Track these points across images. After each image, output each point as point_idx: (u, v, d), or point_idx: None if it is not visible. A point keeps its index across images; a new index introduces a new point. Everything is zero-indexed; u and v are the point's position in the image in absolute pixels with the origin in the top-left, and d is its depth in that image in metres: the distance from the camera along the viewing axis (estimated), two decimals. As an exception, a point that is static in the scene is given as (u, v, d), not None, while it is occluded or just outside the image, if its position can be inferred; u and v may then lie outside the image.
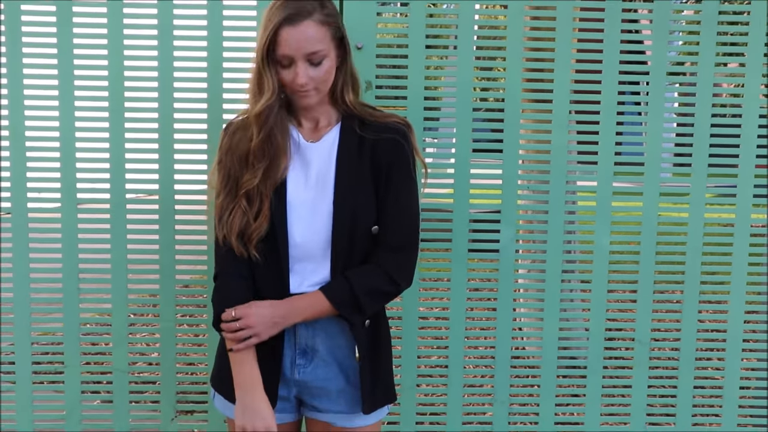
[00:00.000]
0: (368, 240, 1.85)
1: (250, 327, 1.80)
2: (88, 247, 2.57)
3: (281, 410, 1.90)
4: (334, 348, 1.87)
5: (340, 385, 1.88)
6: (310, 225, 1.83)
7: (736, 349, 2.70)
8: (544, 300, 2.64)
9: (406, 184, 1.90)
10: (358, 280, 1.82)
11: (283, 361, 1.87)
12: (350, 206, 1.81)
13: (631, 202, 2.65)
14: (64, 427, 2.60)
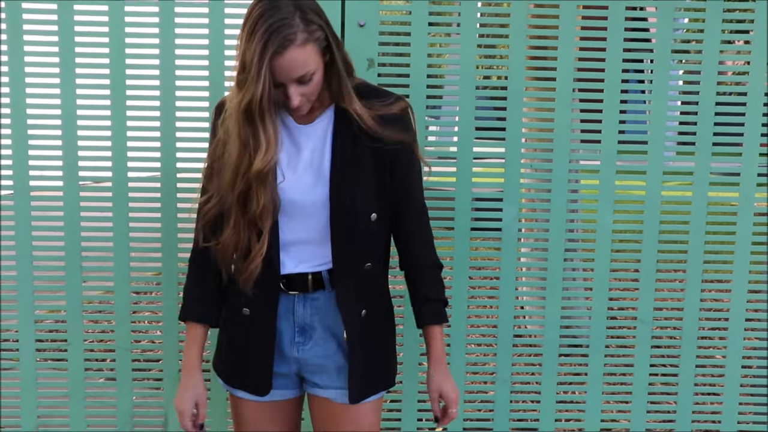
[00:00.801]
0: (367, 224, 1.85)
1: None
2: (90, 225, 2.57)
3: (283, 387, 1.93)
4: (333, 326, 1.89)
5: (339, 362, 1.90)
6: (302, 212, 1.83)
7: (738, 328, 2.70)
8: (547, 279, 2.65)
9: (415, 162, 1.92)
10: (439, 291, 1.98)
11: (282, 338, 1.89)
12: (349, 192, 1.81)
13: (634, 181, 2.65)
14: (67, 404, 2.62)
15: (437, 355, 1.96)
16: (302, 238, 1.85)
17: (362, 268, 1.86)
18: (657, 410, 2.75)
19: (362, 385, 1.91)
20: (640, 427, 2.73)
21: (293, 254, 1.86)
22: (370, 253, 1.88)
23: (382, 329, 1.95)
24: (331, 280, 1.86)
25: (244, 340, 1.90)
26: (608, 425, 2.78)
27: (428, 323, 1.96)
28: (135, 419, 2.65)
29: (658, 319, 2.71)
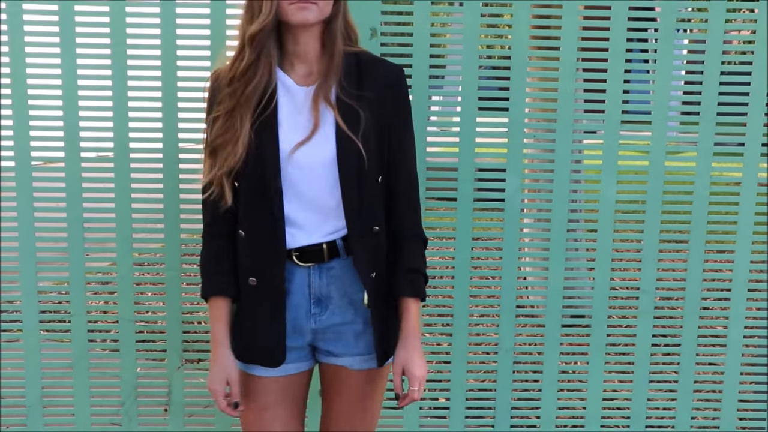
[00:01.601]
0: (374, 186, 1.86)
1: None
2: (92, 197, 2.58)
3: (296, 359, 1.93)
4: (350, 293, 1.90)
5: (357, 329, 1.91)
6: (310, 174, 1.83)
7: (741, 300, 2.72)
8: (549, 249, 2.66)
9: (410, 130, 1.93)
10: (420, 263, 1.93)
11: (299, 312, 1.90)
12: (355, 152, 1.81)
13: (637, 151, 2.65)
14: (71, 375, 2.64)
15: (408, 329, 1.91)
16: (312, 205, 1.84)
17: (371, 231, 1.87)
18: (658, 380, 2.78)
19: (386, 347, 1.92)
20: (642, 398, 2.75)
21: (304, 226, 1.86)
22: (377, 216, 1.88)
23: (389, 294, 1.96)
24: (346, 246, 1.87)
25: (254, 312, 1.90)
26: (610, 395, 2.80)
27: (404, 294, 1.91)
28: (139, 390, 2.67)
29: (661, 290, 2.72)
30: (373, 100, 1.82)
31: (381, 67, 1.87)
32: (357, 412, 1.99)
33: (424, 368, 1.91)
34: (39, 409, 2.64)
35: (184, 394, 2.68)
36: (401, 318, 1.92)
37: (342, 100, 1.81)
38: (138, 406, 2.68)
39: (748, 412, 2.79)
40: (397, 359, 1.92)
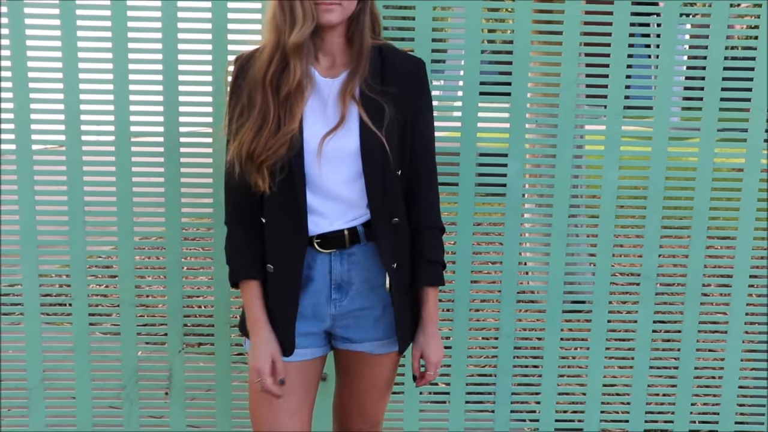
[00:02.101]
0: (395, 178, 1.89)
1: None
2: (93, 180, 2.59)
3: (312, 345, 1.96)
4: (370, 279, 1.93)
5: (376, 314, 1.95)
6: (333, 165, 1.85)
7: (742, 286, 2.73)
8: (551, 235, 2.67)
9: (430, 124, 1.97)
10: (439, 253, 1.99)
11: (319, 298, 1.92)
12: (378, 143, 1.84)
13: (640, 137, 2.66)
14: (72, 358, 2.66)
15: (428, 316, 1.99)
16: (334, 195, 1.87)
17: (391, 222, 1.90)
18: (659, 366, 2.79)
19: (407, 333, 1.96)
20: (642, 384, 2.77)
21: (326, 214, 1.88)
22: (397, 208, 1.92)
23: (409, 283, 1.99)
24: (366, 232, 1.90)
25: (269, 299, 1.92)
26: (610, 381, 2.81)
27: (425, 284, 1.98)
28: (139, 373, 2.69)
29: (662, 276, 2.73)
30: (397, 95, 1.86)
31: (403, 61, 1.91)
32: (370, 394, 2.05)
33: (441, 353, 2.01)
34: (40, 391, 2.66)
35: (185, 378, 2.69)
36: (421, 305, 2.00)
37: (366, 94, 1.84)
38: (139, 389, 2.70)
39: (748, 398, 2.80)
40: (416, 344, 2.01)
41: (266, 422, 1.97)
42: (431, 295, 2.00)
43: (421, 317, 2.00)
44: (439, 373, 2.27)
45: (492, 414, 2.77)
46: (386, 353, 2.01)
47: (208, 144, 2.56)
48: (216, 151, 2.54)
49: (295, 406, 1.97)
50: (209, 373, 2.70)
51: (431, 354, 1.99)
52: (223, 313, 2.64)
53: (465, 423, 2.76)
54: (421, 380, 2.02)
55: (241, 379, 2.66)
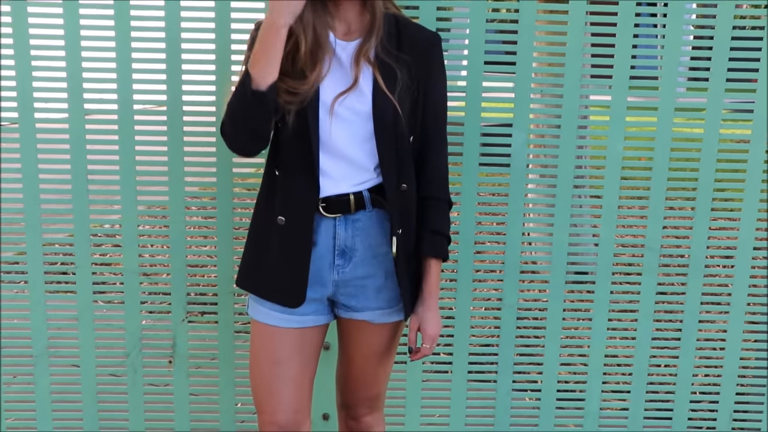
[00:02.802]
0: (405, 144, 1.92)
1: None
2: (96, 148, 2.61)
3: (314, 312, 1.99)
4: (374, 246, 1.96)
5: (379, 283, 1.98)
6: (345, 126, 1.88)
7: (745, 260, 2.74)
8: (555, 206, 2.69)
9: (443, 96, 1.99)
10: (444, 225, 2.01)
11: (322, 262, 1.95)
12: (390, 107, 1.87)
13: (645, 107, 2.66)
14: (76, 326, 2.69)
15: (429, 289, 2.01)
16: (343, 156, 1.90)
17: (399, 188, 1.93)
18: (661, 337, 2.82)
19: (410, 302, 1.99)
20: (644, 356, 2.79)
21: (333, 175, 1.91)
22: (406, 175, 1.94)
23: (412, 252, 2.01)
24: (372, 198, 1.92)
25: (278, 251, 1.94)
26: (612, 351, 2.84)
27: (427, 254, 2.00)
28: (143, 342, 2.72)
29: (666, 247, 2.75)
30: (411, 63, 1.90)
31: (419, 32, 1.96)
32: (373, 362, 2.08)
33: (438, 327, 2.03)
34: (45, 359, 2.70)
35: (189, 347, 2.73)
36: (422, 277, 2.02)
37: (381, 58, 1.88)
38: (142, 357, 2.73)
39: (749, 369, 2.83)
40: (415, 316, 2.03)
41: (265, 388, 2.01)
42: (433, 268, 2.02)
43: (422, 289, 2.02)
44: (441, 343, 2.31)
45: (494, 384, 2.80)
46: (388, 322, 2.04)
47: (212, 113, 2.58)
48: (220, 118, 2.55)
49: (294, 373, 2.00)
50: (213, 342, 2.73)
51: (428, 327, 2.01)
52: (226, 282, 2.67)
53: (467, 393, 2.79)
54: (417, 354, 2.04)
55: (245, 348, 2.69)
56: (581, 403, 2.83)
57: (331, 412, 2.71)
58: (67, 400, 2.75)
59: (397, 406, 2.75)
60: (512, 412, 2.82)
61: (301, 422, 2.03)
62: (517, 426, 2.83)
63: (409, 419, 2.80)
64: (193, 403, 2.76)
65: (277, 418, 2.00)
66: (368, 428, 2.23)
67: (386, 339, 2.08)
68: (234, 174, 2.61)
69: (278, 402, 1.99)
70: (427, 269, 2.01)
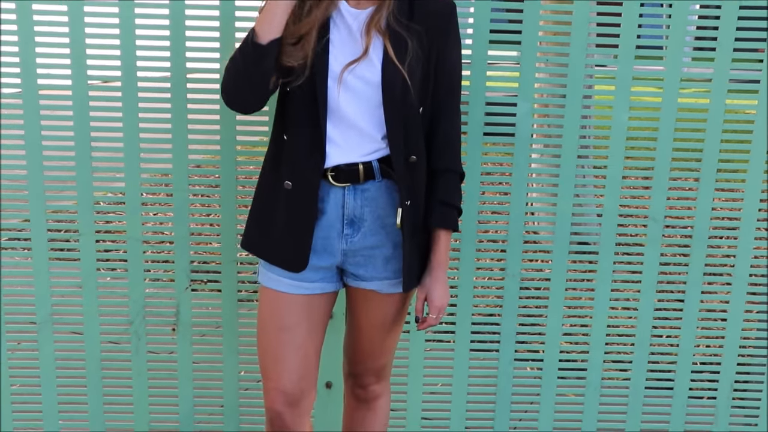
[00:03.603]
0: (415, 114, 1.94)
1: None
2: (99, 115, 2.63)
3: (322, 280, 2.03)
4: (382, 216, 1.99)
5: (387, 253, 2.02)
6: (354, 95, 1.90)
7: (749, 233, 2.77)
8: (559, 176, 2.71)
9: (458, 66, 2.01)
10: (455, 197, 2.04)
11: (331, 231, 1.98)
12: (400, 76, 1.89)
13: (651, 77, 2.68)
14: (80, 293, 2.73)
15: (437, 260, 2.05)
16: (352, 125, 1.93)
17: (408, 159, 1.95)
18: (663, 307, 2.85)
19: (413, 274, 2.02)
20: (647, 327, 2.83)
21: (341, 145, 1.94)
22: (415, 146, 1.97)
23: (420, 225, 2.04)
24: (381, 168, 1.95)
25: (283, 215, 1.98)
26: (614, 321, 2.88)
27: (437, 226, 2.04)
28: (147, 310, 2.76)
29: (670, 218, 2.77)
30: (422, 34, 1.92)
31: (432, 1, 1.97)
32: (380, 331, 2.12)
33: (446, 299, 2.07)
34: (49, 326, 2.74)
35: (192, 315, 2.77)
36: (431, 248, 2.05)
37: (392, 28, 1.90)
38: (146, 325, 2.77)
39: (751, 340, 2.87)
40: (422, 286, 2.07)
41: (271, 355, 2.05)
42: (443, 239, 2.05)
43: (430, 260, 2.06)
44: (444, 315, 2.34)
45: (496, 354, 2.84)
46: (396, 293, 2.08)
47: (216, 80, 2.59)
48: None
49: (301, 340, 2.04)
50: (216, 310, 2.77)
51: (435, 298, 2.05)
52: (230, 251, 2.70)
53: (469, 362, 2.84)
54: (423, 324, 2.08)
55: (248, 317, 2.73)
56: (583, 373, 2.87)
57: (335, 381, 2.75)
58: (71, 367, 2.79)
59: (399, 375, 2.80)
60: (514, 381, 2.87)
61: (306, 390, 2.07)
62: (518, 395, 2.88)
63: (412, 388, 2.85)
64: (196, 371, 2.80)
65: (282, 384, 2.04)
66: (375, 396, 2.27)
67: (394, 309, 2.12)
68: (237, 142, 2.64)
69: (284, 369, 2.03)
70: (436, 240, 2.05)
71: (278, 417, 2.06)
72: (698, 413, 2.92)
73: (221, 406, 2.83)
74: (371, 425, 2.30)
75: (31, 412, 2.81)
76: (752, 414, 2.91)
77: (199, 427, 2.85)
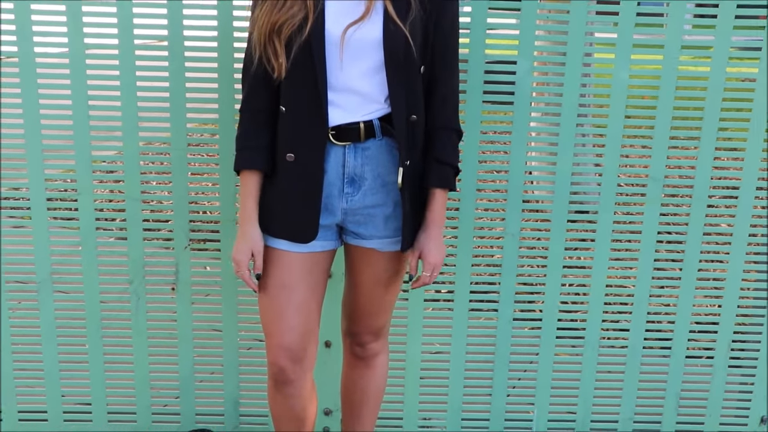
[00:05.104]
0: (416, 74, 1.98)
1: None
2: (97, 84, 2.69)
3: (323, 238, 2.10)
4: (383, 175, 2.04)
5: (387, 212, 2.07)
6: (355, 55, 1.93)
7: (748, 197, 2.84)
8: (558, 144, 2.77)
9: (456, 25, 2.05)
10: (451, 156, 2.08)
11: (331, 190, 2.03)
12: (401, 36, 1.92)
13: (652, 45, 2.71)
14: (80, 253, 2.79)
15: (432, 218, 2.12)
16: (353, 86, 1.97)
17: (408, 118, 1.99)
18: (662, 268, 2.92)
19: (412, 233, 2.07)
20: (645, 287, 2.91)
21: (343, 105, 1.98)
22: (416, 105, 2.01)
23: (419, 185, 2.09)
24: (382, 127, 1.99)
25: (289, 187, 2.03)
26: (613, 281, 2.94)
27: (433, 185, 2.10)
28: (146, 269, 2.82)
29: (670, 177, 2.82)
30: None
31: None
32: (379, 289, 2.19)
33: (440, 256, 2.12)
34: (49, 285, 2.82)
35: (191, 274, 2.83)
36: (427, 206, 2.10)
37: None
38: (146, 284, 2.84)
39: (749, 300, 2.95)
40: (417, 244, 2.13)
41: (273, 312, 2.12)
42: (439, 198, 2.10)
43: (425, 218, 2.11)
44: (444, 272, 2.41)
45: (495, 313, 2.91)
46: (394, 251, 2.14)
47: (213, 48, 2.63)
48: (221, 54, 2.61)
49: (302, 297, 2.11)
50: (215, 269, 2.84)
51: (429, 255, 2.10)
52: (229, 210, 2.76)
53: (468, 322, 2.90)
54: (417, 282, 2.14)
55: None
56: (581, 333, 2.95)
57: (333, 340, 2.83)
58: (71, 326, 2.87)
59: (398, 334, 2.88)
60: (513, 341, 2.95)
61: (308, 346, 2.15)
62: (517, 355, 2.96)
63: (411, 347, 2.93)
64: (196, 330, 2.89)
65: (284, 340, 2.11)
66: (373, 354, 2.35)
67: (392, 268, 2.18)
68: (236, 111, 2.68)
69: (286, 325, 2.10)
70: (433, 199, 2.10)
71: (281, 372, 2.14)
72: (695, 372, 3.00)
73: (221, 365, 2.91)
74: (370, 383, 2.39)
75: (32, 371, 2.91)
76: (749, 373, 3.00)
77: (199, 385, 2.93)
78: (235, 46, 2.63)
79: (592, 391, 3.00)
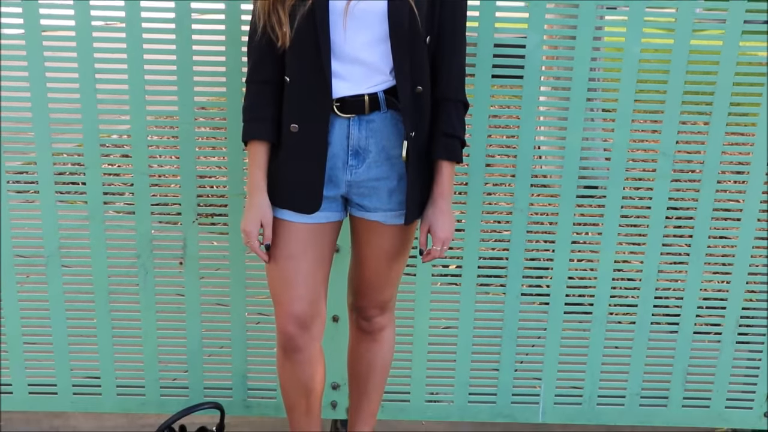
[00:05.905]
0: (422, 45, 1.99)
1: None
2: (104, 57, 2.71)
3: (328, 209, 2.13)
4: (387, 148, 2.07)
5: (391, 185, 2.11)
6: (360, 26, 1.95)
7: (759, 175, 2.86)
8: (567, 119, 2.79)
9: (463, 2, 2.05)
10: (458, 127, 2.09)
11: (336, 162, 2.05)
12: (407, 7, 1.93)
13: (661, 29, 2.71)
14: (88, 227, 2.83)
15: (440, 191, 2.15)
16: (357, 56, 1.99)
17: (414, 90, 2.01)
18: (671, 244, 2.94)
19: (416, 206, 2.10)
20: (653, 265, 2.94)
21: (348, 77, 2.00)
22: (421, 77, 2.03)
23: (425, 156, 2.11)
24: (387, 100, 2.01)
25: (293, 157, 2.06)
26: (621, 257, 2.97)
27: (440, 157, 2.13)
28: (154, 243, 2.86)
29: (680, 153, 2.83)
30: None
31: None
32: (384, 262, 2.23)
33: (449, 230, 2.15)
34: (57, 259, 2.86)
35: (199, 248, 2.87)
36: (434, 179, 2.12)
37: None
38: (153, 259, 2.88)
39: (757, 276, 2.98)
40: (425, 218, 2.17)
41: (281, 281, 2.17)
42: (446, 171, 2.13)
43: (433, 192, 2.14)
44: (453, 247, 2.43)
45: (503, 288, 2.94)
46: (399, 224, 2.16)
47: (221, 21, 2.64)
48: (228, 28, 2.62)
49: (309, 266, 2.15)
50: (223, 243, 2.87)
51: (438, 229, 2.14)
52: (237, 184, 2.79)
53: (476, 297, 2.94)
54: (428, 256, 2.17)
55: (255, 250, 2.82)
56: (589, 308, 2.98)
57: (341, 314, 2.86)
58: (79, 300, 2.92)
59: (406, 309, 2.92)
60: (520, 316, 3.00)
61: (316, 315, 2.20)
62: (524, 330, 3.00)
63: (418, 322, 2.98)
64: (204, 304, 2.94)
65: (293, 308, 2.16)
66: (380, 328, 2.39)
67: (397, 241, 2.21)
68: (243, 84, 2.69)
69: (295, 293, 2.15)
70: (439, 172, 2.13)
71: (290, 339, 2.18)
72: (703, 348, 3.03)
73: (229, 339, 2.96)
74: (376, 356, 2.43)
75: (41, 345, 2.97)
76: (756, 350, 3.04)
77: (207, 359, 2.97)
78: (243, 19, 2.65)
79: (599, 366, 3.05)
